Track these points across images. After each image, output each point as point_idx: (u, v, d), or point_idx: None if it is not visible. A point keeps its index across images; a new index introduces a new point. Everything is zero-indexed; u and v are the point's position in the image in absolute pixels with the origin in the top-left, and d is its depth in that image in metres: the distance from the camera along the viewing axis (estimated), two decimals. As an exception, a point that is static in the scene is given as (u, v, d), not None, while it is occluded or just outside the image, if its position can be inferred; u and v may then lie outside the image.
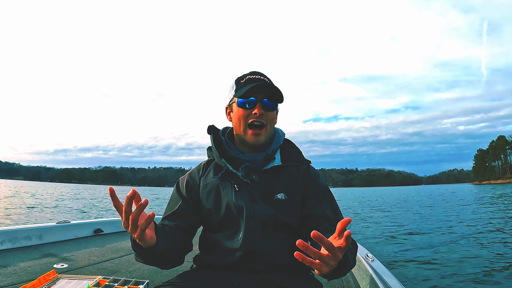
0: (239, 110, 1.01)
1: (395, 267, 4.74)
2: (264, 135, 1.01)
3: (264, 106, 0.99)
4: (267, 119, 1.00)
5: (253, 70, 1.06)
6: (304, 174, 1.07)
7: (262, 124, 1.00)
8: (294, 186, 1.03)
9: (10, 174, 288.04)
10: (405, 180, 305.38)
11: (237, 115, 1.02)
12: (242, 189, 1.00)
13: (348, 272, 1.94)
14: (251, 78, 1.02)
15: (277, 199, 1.00)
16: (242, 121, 1.01)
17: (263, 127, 1.01)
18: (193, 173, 1.12)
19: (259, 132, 1.00)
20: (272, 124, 1.04)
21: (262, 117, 0.99)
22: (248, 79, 1.02)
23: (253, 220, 0.98)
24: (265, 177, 1.02)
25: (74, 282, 1.48)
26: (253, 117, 0.99)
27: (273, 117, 1.03)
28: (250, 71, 1.06)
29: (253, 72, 1.05)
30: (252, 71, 1.06)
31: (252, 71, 1.06)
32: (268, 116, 1.01)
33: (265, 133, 1.01)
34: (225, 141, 1.07)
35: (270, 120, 1.02)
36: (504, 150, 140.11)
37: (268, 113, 1.01)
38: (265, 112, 1.00)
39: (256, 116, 0.98)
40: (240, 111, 1.01)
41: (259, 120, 0.99)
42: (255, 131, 1.00)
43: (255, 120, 0.99)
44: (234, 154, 1.03)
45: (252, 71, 1.06)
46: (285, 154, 1.08)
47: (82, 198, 26.45)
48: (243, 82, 1.02)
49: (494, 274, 4.26)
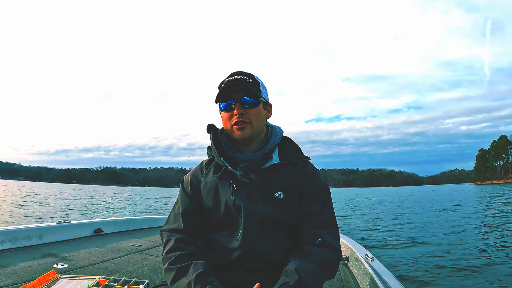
0: (222, 114, 1.05)
1: (395, 267, 4.73)
2: (249, 128, 1.01)
3: (243, 104, 1.00)
4: (249, 116, 1.01)
5: (233, 71, 1.06)
6: (301, 171, 1.06)
7: (244, 122, 1.01)
8: (291, 184, 1.03)
9: (11, 175, 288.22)
10: (406, 180, 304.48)
11: (223, 119, 1.05)
12: (240, 188, 1.00)
13: (348, 272, 1.95)
14: (227, 81, 1.02)
15: (275, 197, 1.00)
16: (228, 123, 1.03)
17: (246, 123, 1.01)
18: (196, 172, 1.12)
19: (242, 126, 1.01)
20: (258, 119, 1.03)
21: (243, 116, 1.00)
22: (227, 81, 1.02)
23: (252, 219, 0.98)
24: (263, 176, 1.02)
25: (74, 282, 1.48)
26: (234, 118, 1.01)
27: (256, 112, 1.03)
28: (230, 73, 1.06)
29: (233, 73, 1.05)
30: (232, 73, 1.06)
31: (232, 72, 1.06)
32: (250, 113, 1.01)
33: (251, 127, 1.02)
34: (223, 141, 1.07)
35: (255, 117, 1.02)
36: (505, 150, 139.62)
37: (250, 110, 1.01)
38: (247, 109, 1.01)
39: (237, 116, 1.00)
40: (223, 115, 1.04)
41: (240, 120, 1.00)
42: (239, 126, 1.01)
43: (237, 120, 1.00)
44: (232, 153, 1.04)
45: (232, 72, 1.06)
46: (283, 152, 1.08)
47: (82, 198, 26.47)
48: (223, 86, 1.02)
49: (497, 275, 4.25)
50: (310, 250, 0.95)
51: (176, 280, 0.91)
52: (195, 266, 0.91)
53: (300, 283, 0.84)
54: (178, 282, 0.90)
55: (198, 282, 0.86)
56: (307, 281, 0.85)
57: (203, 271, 0.89)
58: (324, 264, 0.93)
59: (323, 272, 0.92)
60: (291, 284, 0.84)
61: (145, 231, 3.26)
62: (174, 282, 0.91)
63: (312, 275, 0.88)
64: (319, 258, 0.93)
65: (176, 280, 0.91)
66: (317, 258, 0.92)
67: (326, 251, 0.96)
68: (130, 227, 3.22)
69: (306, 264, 0.89)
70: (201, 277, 0.88)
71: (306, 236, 0.99)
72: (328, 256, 0.95)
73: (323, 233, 0.98)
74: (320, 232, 0.98)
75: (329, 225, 1.02)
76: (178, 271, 0.92)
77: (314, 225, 1.00)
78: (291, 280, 0.85)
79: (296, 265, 0.89)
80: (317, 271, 0.90)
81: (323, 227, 1.00)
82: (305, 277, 0.86)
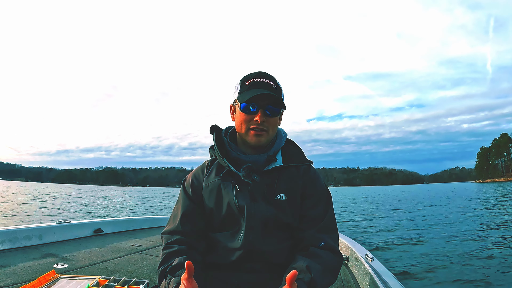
0: (241, 114, 1.02)
1: (395, 267, 4.73)
2: (265, 137, 1.02)
3: (267, 113, 1.00)
4: (268, 125, 1.01)
5: (259, 71, 1.04)
6: (304, 174, 1.07)
7: (262, 129, 1.01)
8: (294, 187, 1.04)
9: (11, 175, 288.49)
10: (407, 179, 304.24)
11: (239, 119, 1.03)
12: (243, 189, 1.01)
13: (348, 272, 1.94)
14: (255, 82, 1.00)
15: (277, 199, 1.01)
16: (244, 125, 1.02)
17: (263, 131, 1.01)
18: (197, 173, 1.12)
19: (260, 133, 1.01)
20: (274, 129, 1.04)
21: (263, 124, 1.00)
22: (253, 82, 1.01)
23: (254, 220, 0.99)
24: (266, 177, 1.03)
25: (74, 282, 1.48)
26: (254, 124, 1.00)
27: (275, 122, 1.04)
28: (256, 72, 1.04)
29: (259, 73, 1.03)
30: (258, 72, 1.04)
31: (258, 72, 1.04)
32: (270, 122, 1.01)
33: (267, 136, 1.02)
34: (227, 142, 1.07)
35: (272, 126, 1.03)
36: (507, 148, 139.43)
37: (270, 119, 1.01)
38: (267, 118, 1.00)
39: (257, 123, 0.99)
40: (242, 115, 1.02)
41: (260, 127, 1.00)
42: (256, 132, 1.01)
43: (256, 126, 1.00)
44: (236, 155, 1.04)
45: (258, 72, 1.04)
46: (286, 155, 1.09)
47: (82, 198, 26.50)
48: (247, 85, 1.01)
49: (498, 277, 4.24)
50: (316, 252, 0.96)
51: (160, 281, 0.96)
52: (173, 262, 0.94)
53: (312, 280, 0.86)
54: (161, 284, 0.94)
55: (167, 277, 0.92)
56: (316, 280, 0.87)
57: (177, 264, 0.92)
58: (330, 268, 0.95)
59: (328, 275, 0.94)
60: (305, 281, 0.85)
61: (145, 231, 3.26)
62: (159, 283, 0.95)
63: (320, 276, 0.89)
64: (325, 260, 0.94)
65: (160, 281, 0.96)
66: (323, 261, 0.94)
67: (330, 255, 0.98)
68: (130, 227, 3.22)
69: (315, 265, 0.91)
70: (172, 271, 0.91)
71: (309, 238, 1.00)
72: (333, 260, 0.98)
73: (326, 237, 1.00)
74: (323, 236, 1.00)
75: (331, 230, 1.04)
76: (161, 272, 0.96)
77: (317, 229, 1.01)
78: (305, 277, 0.86)
79: (306, 263, 0.90)
80: (323, 273, 0.92)
81: (325, 231, 1.02)
82: (315, 277, 0.87)
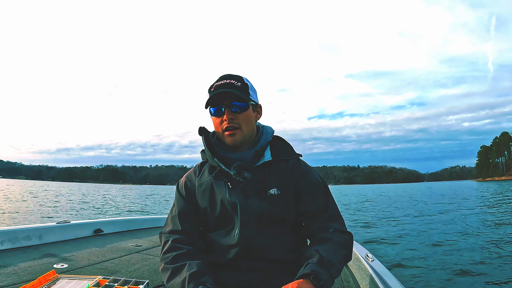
0: (213, 119, 1.06)
1: (395, 267, 4.73)
2: (239, 134, 1.03)
3: (233, 111, 1.02)
4: (239, 121, 1.03)
5: (222, 75, 1.07)
6: (294, 168, 1.08)
7: (234, 127, 1.02)
8: (285, 181, 1.05)
9: (11, 174, 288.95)
10: (407, 177, 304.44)
11: (214, 123, 1.07)
12: (235, 187, 1.03)
13: (348, 272, 1.94)
14: (217, 85, 1.03)
15: (270, 194, 1.03)
16: (218, 128, 1.05)
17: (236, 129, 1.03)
18: (190, 175, 1.15)
19: (233, 132, 1.03)
20: (247, 124, 1.05)
21: (233, 121, 1.02)
22: (216, 86, 1.03)
23: (248, 215, 1.00)
24: (257, 173, 1.04)
25: (74, 282, 1.48)
26: (225, 123, 1.02)
27: (246, 117, 1.04)
28: (219, 77, 1.07)
29: (222, 76, 1.06)
30: (221, 76, 1.07)
31: (221, 76, 1.07)
32: (239, 119, 1.03)
33: (241, 133, 1.04)
34: (215, 143, 1.09)
35: (244, 121, 1.04)
36: (507, 147, 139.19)
37: (240, 115, 1.03)
38: (236, 114, 1.02)
39: (227, 122, 1.02)
40: (214, 119, 1.06)
41: (230, 125, 1.02)
42: (229, 132, 1.03)
43: (227, 126, 1.02)
44: (223, 153, 1.06)
45: (221, 76, 1.07)
46: (275, 149, 1.10)
47: (82, 197, 26.54)
48: (212, 91, 1.03)
49: (498, 276, 4.25)
50: (325, 236, 1.00)
51: (170, 279, 0.93)
52: (190, 266, 0.93)
53: (322, 259, 0.88)
54: (172, 282, 0.92)
55: (191, 282, 0.88)
56: (329, 258, 0.89)
57: (197, 270, 0.91)
58: (341, 244, 0.98)
59: (340, 249, 0.96)
60: (314, 262, 0.87)
61: (145, 231, 3.26)
62: (169, 281, 0.93)
63: (331, 253, 0.92)
64: (334, 240, 0.98)
65: (170, 279, 0.93)
66: (332, 241, 0.97)
67: (339, 235, 1.01)
68: (130, 227, 3.22)
69: (324, 246, 0.94)
70: (195, 277, 0.89)
71: (318, 230, 1.03)
72: (342, 238, 1.00)
73: (333, 224, 1.03)
74: (331, 224, 1.03)
75: (336, 216, 1.07)
76: (173, 271, 0.94)
77: (322, 219, 1.04)
78: (314, 259, 0.89)
79: (314, 248, 0.94)
80: (334, 249, 0.94)
81: (331, 220, 1.05)
82: (326, 255, 0.90)
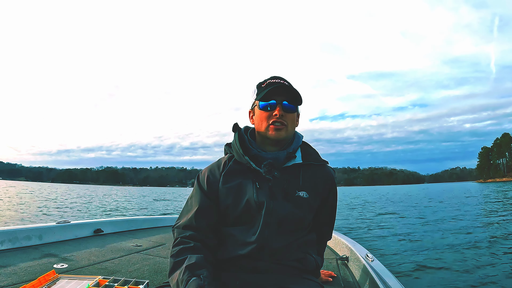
0: (261, 112, 1.07)
1: (395, 267, 4.73)
2: (285, 131, 1.06)
3: (284, 108, 1.06)
4: (287, 120, 1.06)
5: (273, 75, 1.11)
6: (327, 178, 1.14)
7: (282, 124, 1.05)
8: (317, 187, 1.10)
9: (12, 175, 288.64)
10: (408, 179, 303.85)
11: (260, 117, 1.08)
12: (263, 186, 1.04)
13: (348, 272, 1.94)
14: (271, 82, 1.07)
15: (298, 196, 1.05)
16: (264, 122, 1.07)
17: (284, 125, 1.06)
18: (213, 168, 1.13)
19: (280, 127, 1.05)
20: (292, 125, 1.10)
21: (282, 118, 1.05)
22: (269, 83, 1.07)
23: (272, 217, 1.02)
24: (286, 174, 1.06)
25: (74, 282, 1.48)
26: (274, 118, 1.05)
27: (293, 118, 1.09)
28: (270, 76, 1.11)
29: (273, 76, 1.11)
30: (272, 76, 1.11)
31: (273, 76, 1.11)
32: (288, 118, 1.07)
33: (286, 130, 1.07)
34: (248, 140, 1.11)
35: (291, 121, 1.08)
36: (508, 148, 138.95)
37: (288, 115, 1.07)
38: (285, 113, 1.06)
39: (277, 117, 1.04)
40: (262, 113, 1.07)
41: (279, 121, 1.05)
42: (276, 126, 1.05)
43: (276, 121, 1.05)
44: (256, 152, 1.07)
45: (273, 76, 1.11)
46: (305, 153, 1.13)
47: (82, 197, 26.52)
48: (264, 86, 1.07)
49: (499, 275, 4.23)
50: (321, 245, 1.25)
51: (171, 272, 0.95)
52: (189, 259, 0.94)
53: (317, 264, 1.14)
54: (173, 274, 0.93)
55: (185, 273, 0.89)
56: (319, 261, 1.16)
57: (195, 262, 0.92)
58: None
59: None
60: None
61: (145, 231, 3.25)
62: (170, 274, 0.95)
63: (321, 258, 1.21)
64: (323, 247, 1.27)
65: (171, 272, 0.95)
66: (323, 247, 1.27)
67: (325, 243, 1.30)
68: (130, 227, 3.21)
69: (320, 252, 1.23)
70: (190, 269, 0.90)
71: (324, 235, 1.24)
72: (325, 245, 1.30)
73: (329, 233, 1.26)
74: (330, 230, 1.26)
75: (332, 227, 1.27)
76: (175, 264, 0.95)
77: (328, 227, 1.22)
78: None
79: None
80: None
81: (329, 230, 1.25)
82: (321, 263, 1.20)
